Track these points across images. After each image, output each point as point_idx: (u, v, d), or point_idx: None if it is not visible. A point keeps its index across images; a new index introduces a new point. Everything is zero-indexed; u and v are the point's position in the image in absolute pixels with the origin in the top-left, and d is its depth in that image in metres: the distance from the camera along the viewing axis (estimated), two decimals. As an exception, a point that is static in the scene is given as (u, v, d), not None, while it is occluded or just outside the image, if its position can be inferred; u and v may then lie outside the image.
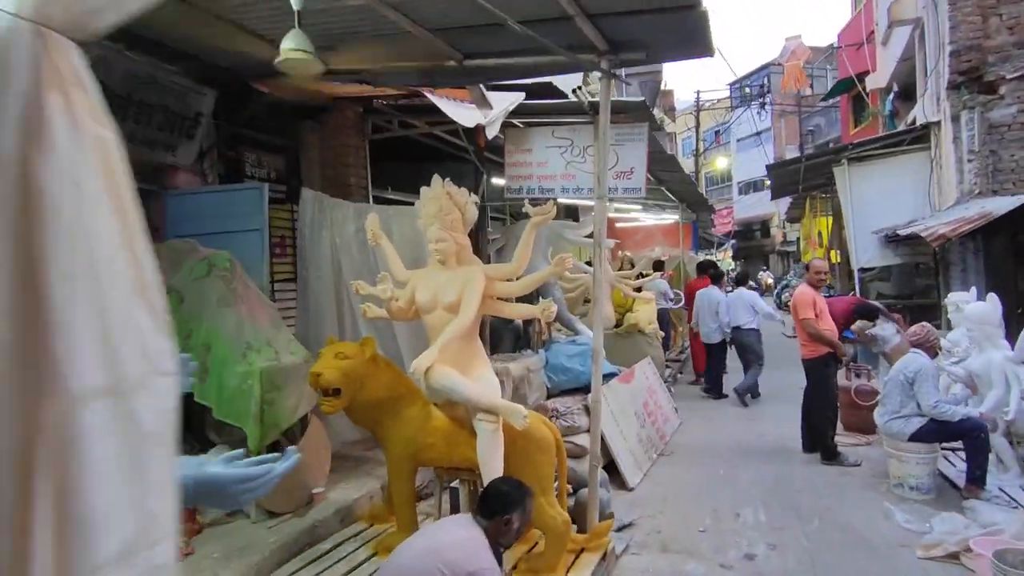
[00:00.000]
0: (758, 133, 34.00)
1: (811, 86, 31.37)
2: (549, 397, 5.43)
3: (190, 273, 3.90)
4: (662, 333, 8.80)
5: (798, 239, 22.89)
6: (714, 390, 8.37)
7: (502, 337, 6.65)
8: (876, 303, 7.60)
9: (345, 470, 4.26)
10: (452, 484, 3.58)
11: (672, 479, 5.15)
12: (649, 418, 6.04)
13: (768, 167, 10.18)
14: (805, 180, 11.96)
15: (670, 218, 12.89)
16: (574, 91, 6.22)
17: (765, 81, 34.02)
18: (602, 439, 5.01)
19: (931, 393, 4.28)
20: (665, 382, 8.49)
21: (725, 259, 37.69)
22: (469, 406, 3.12)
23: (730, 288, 9.80)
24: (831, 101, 21.40)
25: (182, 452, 0.91)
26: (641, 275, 9.07)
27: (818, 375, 5.31)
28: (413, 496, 3.43)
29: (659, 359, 8.26)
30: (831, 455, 5.23)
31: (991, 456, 4.37)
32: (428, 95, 4.82)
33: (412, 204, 3.95)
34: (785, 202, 21.12)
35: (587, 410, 5.02)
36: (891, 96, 13.28)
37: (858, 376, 6.32)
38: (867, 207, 9.47)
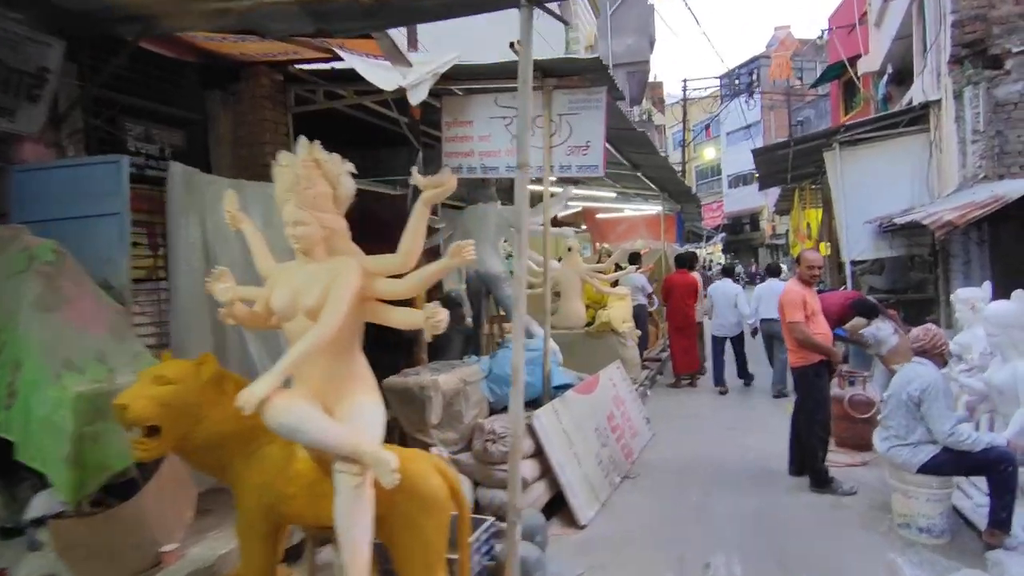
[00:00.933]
0: (748, 126, 33.27)
1: (800, 78, 30.64)
2: (492, 413, 4.57)
3: (6, 268, 3.01)
4: (638, 332, 7.95)
5: (787, 232, 22.10)
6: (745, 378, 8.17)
7: (450, 341, 5.77)
8: (874, 300, 6.77)
9: (218, 515, 3.36)
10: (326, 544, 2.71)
11: (635, 511, 4.29)
12: (614, 434, 5.18)
13: (755, 152, 9.33)
14: (794, 168, 11.11)
15: (653, 209, 12.02)
16: (511, 45, 5.29)
17: (754, 73, 33.23)
18: (550, 466, 4.16)
19: (944, 416, 3.43)
20: (640, 386, 7.65)
21: (715, 253, 36.97)
22: (327, 452, 2.24)
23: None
24: (821, 90, 20.57)
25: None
26: (617, 267, 8.22)
27: (809, 386, 4.46)
28: (271, 562, 2.55)
29: (632, 361, 7.41)
30: (822, 482, 4.39)
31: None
32: (337, 51, 3.92)
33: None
34: (774, 195, 20.38)
35: (533, 430, 4.17)
36: (884, 79, 12.44)
37: (852, 384, 5.48)
38: (860, 195, 8.63)
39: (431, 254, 5.63)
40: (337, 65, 4.52)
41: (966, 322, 5.31)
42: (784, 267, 17.64)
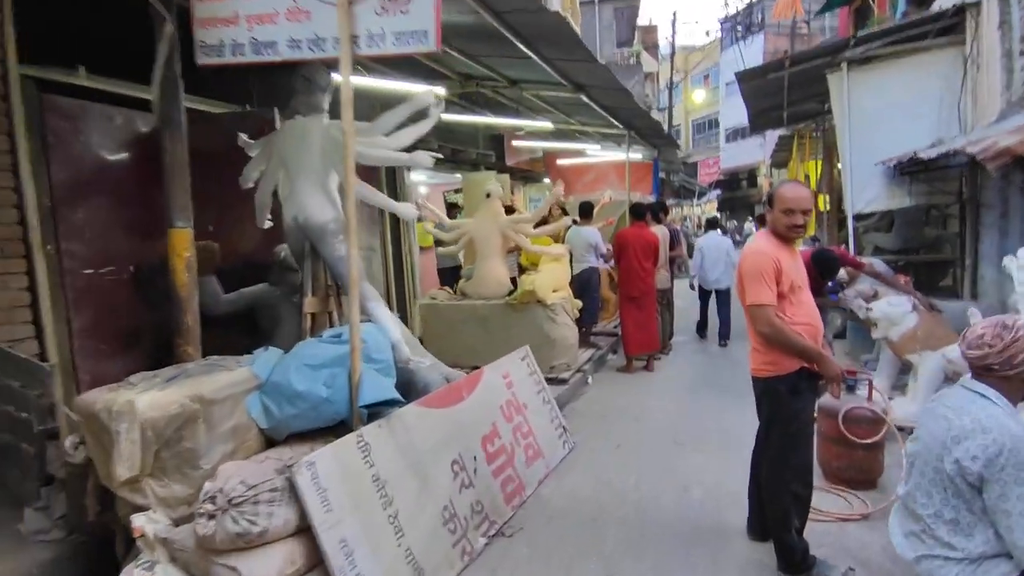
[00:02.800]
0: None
1: (807, 21, 27.87)
2: (270, 446, 2.79)
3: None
4: (579, 303, 6.12)
5: (785, 186, 19.96)
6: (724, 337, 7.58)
7: (281, 320, 3.97)
8: (834, 252, 4.90)
9: None
10: None
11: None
12: (492, 463, 3.41)
13: (739, 76, 7.25)
14: (792, 103, 9.04)
15: (632, 157, 10.04)
16: None
17: (758, 13, 30.42)
18: (324, 555, 2.39)
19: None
20: (579, 372, 5.88)
21: (710, 210, 34.83)
22: None
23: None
24: (829, 21, 18.16)
25: None
26: (545, 220, 6.33)
27: (778, 411, 2.62)
28: None
29: (564, 342, 5.60)
30: (795, 565, 2.61)
31: None
32: None
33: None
34: (772, 146, 18.18)
35: (296, 485, 2.38)
36: (904, -2, 10.20)
37: (851, 389, 3.68)
38: (871, 129, 6.65)
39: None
40: None
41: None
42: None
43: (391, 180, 6.91)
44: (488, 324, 5.68)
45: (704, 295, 7.95)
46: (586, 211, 7.14)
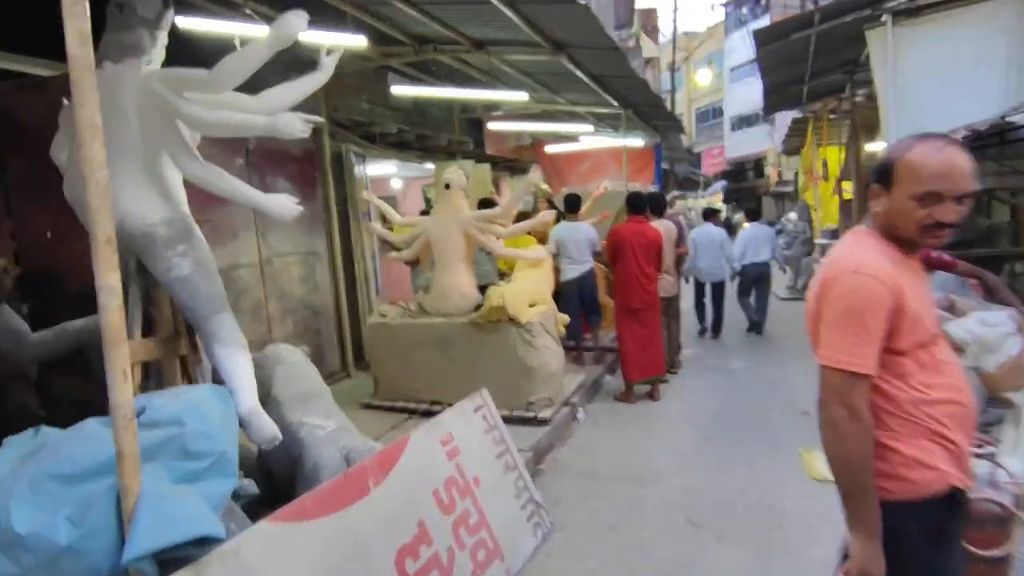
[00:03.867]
0: (753, 60, 29.19)
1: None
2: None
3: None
4: (566, 318, 4.88)
5: (796, 175, 18.57)
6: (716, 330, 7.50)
7: None
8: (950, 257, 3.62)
9: None
10: None
11: None
12: (413, 591, 2.20)
13: (757, 35, 5.87)
14: (815, 74, 7.76)
15: (632, 143, 8.78)
16: None
17: (762, -4, 29.00)
18: None
19: None
20: (567, 405, 4.66)
21: (715, 201, 33.54)
22: None
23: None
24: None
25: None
26: (523, 216, 5.10)
27: (898, 570, 1.39)
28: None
29: (544, 371, 4.36)
30: None
31: None
32: None
33: None
34: (783, 131, 16.84)
35: None
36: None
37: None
38: (922, 95, 5.38)
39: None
40: None
41: None
42: (784, 216, 13.97)
43: (336, 167, 5.68)
44: (449, 348, 4.46)
45: (700, 288, 7.56)
46: (573, 205, 5.89)
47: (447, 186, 4.57)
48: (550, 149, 9.59)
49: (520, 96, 5.88)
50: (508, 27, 4.29)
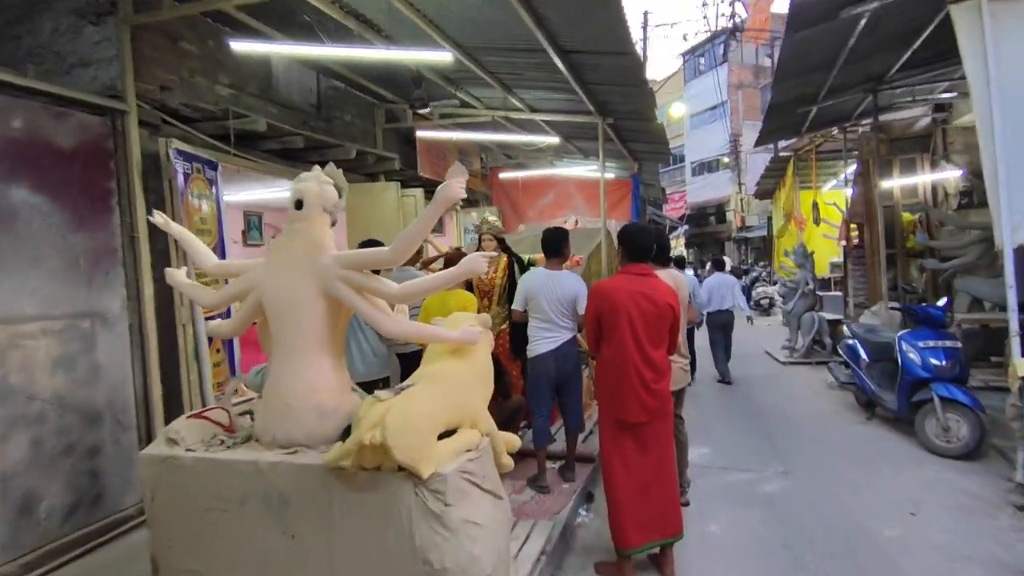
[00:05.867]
0: (714, 107, 28.66)
1: (770, 55, 26.11)
2: None
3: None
4: (515, 441, 2.73)
5: (769, 219, 17.10)
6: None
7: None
8: None
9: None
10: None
11: None
12: None
13: (794, 7, 4.02)
14: (835, 87, 6.07)
15: (603, 173, 6.83)
16: None
17: (721, 48, 28.72)
18: None
19: None
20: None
21: (677, 247, 32.53)
22: None
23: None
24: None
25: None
26: (452, 260, 2.95)
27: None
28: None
29: (475, 568, 2.16)
30: None
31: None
32: None
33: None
34: (755, 174, 15.50)
35: None
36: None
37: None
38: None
39: None
40: None
41: None
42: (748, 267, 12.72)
43: (155, 177, 3.48)
44: (288, 516, 2.23)
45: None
46: (554, 245, 3.80)
47: (298, 204, 2.43)
48: (505, 176, 7.61)
49: (442, 56, 3.71)
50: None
